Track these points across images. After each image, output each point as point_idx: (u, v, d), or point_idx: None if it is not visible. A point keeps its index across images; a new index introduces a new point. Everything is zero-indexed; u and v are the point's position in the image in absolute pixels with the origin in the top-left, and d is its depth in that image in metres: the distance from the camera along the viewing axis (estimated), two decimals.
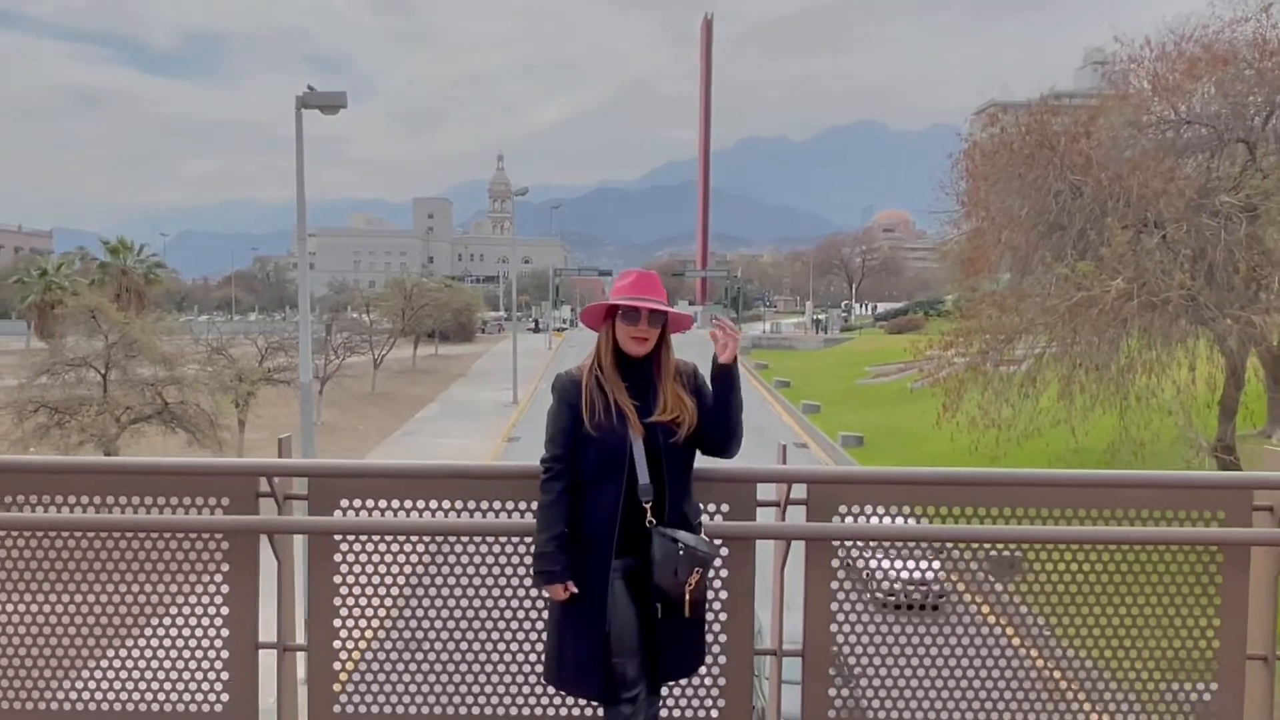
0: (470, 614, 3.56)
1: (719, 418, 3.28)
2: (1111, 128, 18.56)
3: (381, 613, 3.56)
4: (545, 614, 3.46)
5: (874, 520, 3.49)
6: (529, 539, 3.40)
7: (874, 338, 73.67)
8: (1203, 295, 16.15)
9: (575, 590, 3.19)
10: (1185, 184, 17.25)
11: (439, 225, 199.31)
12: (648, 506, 3.15)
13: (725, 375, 3.28)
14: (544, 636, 3.47)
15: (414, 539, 3.55)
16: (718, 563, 3.52)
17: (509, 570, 3.56)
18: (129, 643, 3.59)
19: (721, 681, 3.54)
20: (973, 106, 30.94)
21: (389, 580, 3.56)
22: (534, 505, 3.34)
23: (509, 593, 3.55)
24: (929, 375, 20.61)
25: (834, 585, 3.51)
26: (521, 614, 3.56)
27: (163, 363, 25.21)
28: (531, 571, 3.35)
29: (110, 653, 3.60)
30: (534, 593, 3.53)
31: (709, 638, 3.49)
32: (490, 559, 3.55)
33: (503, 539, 3.54)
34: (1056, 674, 3.55)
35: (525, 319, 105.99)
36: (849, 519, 3.49)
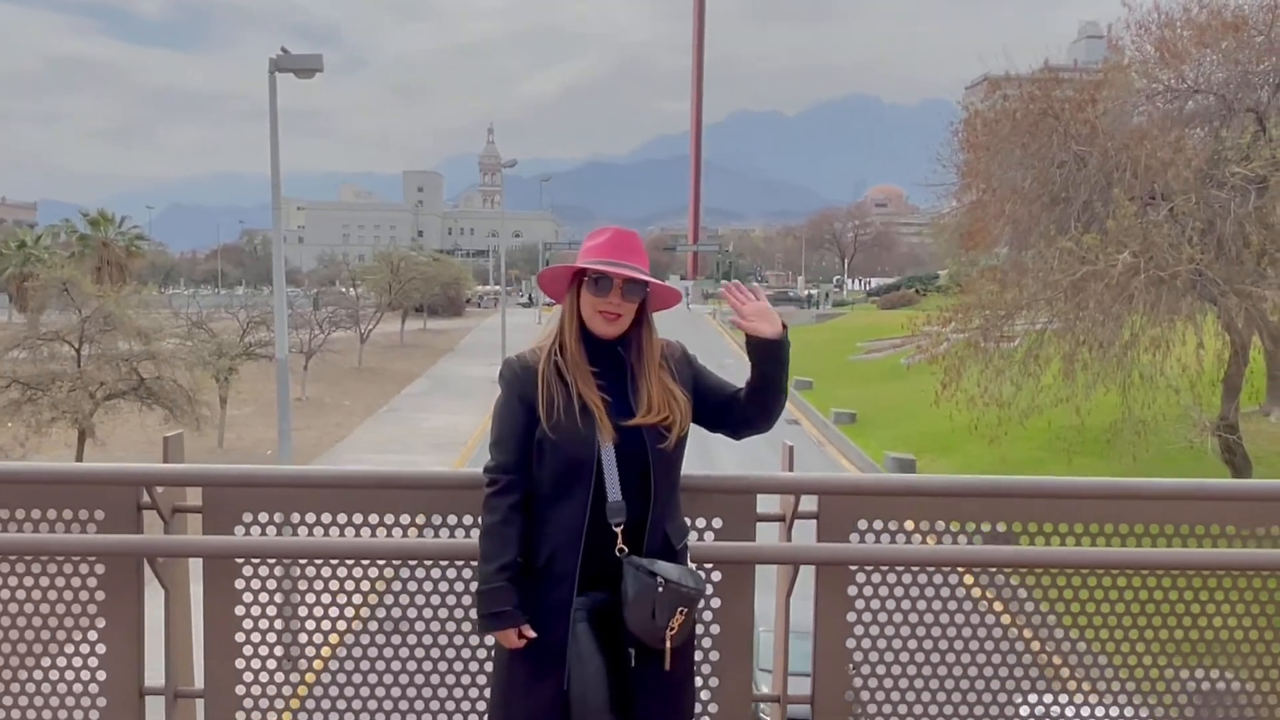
0: (406, 656, 2.91)
1: (759, 403, 2.66)
2: (1118, 96, 17.94)
3: (295, 651, 2.91)
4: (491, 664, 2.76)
5: (901, 539, 2.84)
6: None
7: (866, 313, 73.23)
8: (1212, 270, 15.59)
9: (532, 635, 2.50)
10: (1193, 154, 16.66)
11: (429, 199, 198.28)
12: (618, 530, 2.46)
13: (775, 352, 2.67)
14: (488, 693, 2.80)
15: (334, 563, 2.90)
16: (708, 590, 2.86)
17: (459, 608, 2.91)
18: None
19: None
20: (966, 80, 30.26)
21: (305, 613, 2.91)
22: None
23: (459, 639, 2.90)
24: (924, 351, 20.09)
25: (851, 618, 2.87)
26: (474, 665, 2.91)
27: (139, 337, 24.51)
28: (475, 613, 2.66)
29: None
30: (487, 639, 2.84)
31: (698, 681, 2.82)
32: (436, 591, 2.90)
33: (445, 564, 2.89)
34: None
35: (516, 293, 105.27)
36: (870, 536, 2.85)
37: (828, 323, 70.19)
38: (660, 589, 2.41)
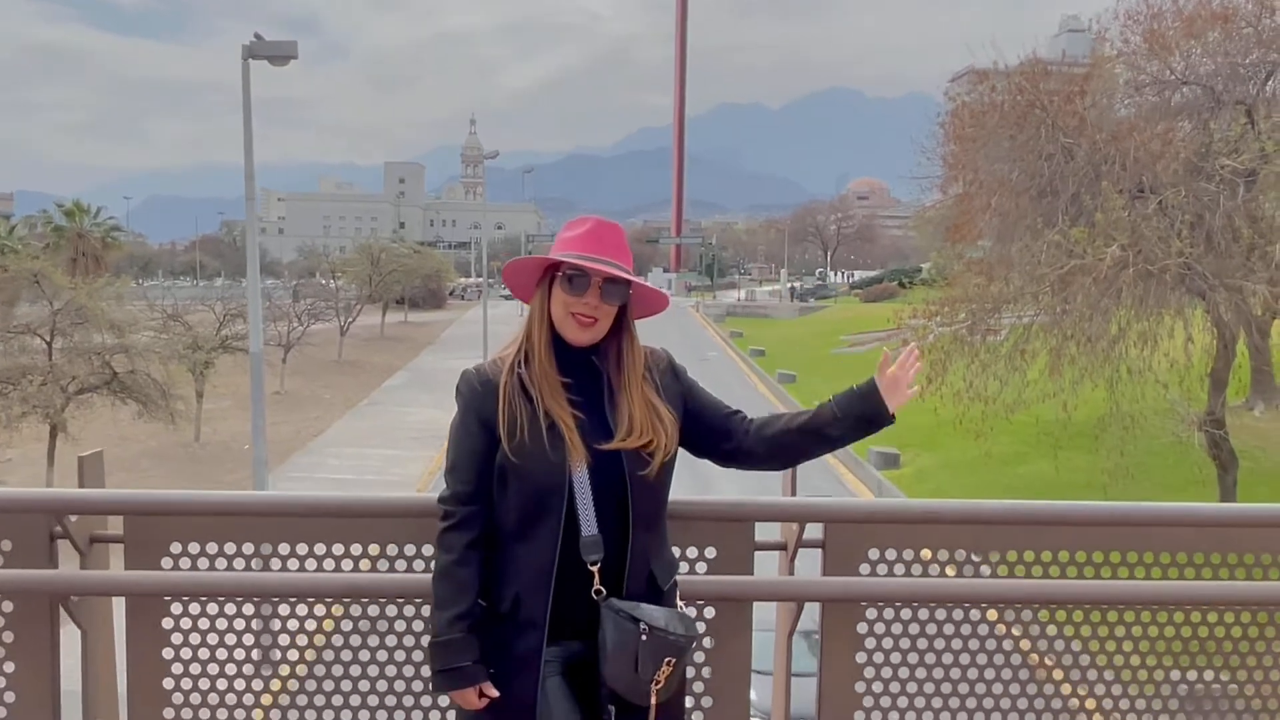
0: (358, 705, 2.56)
1: (795, 450, 2.29)
2: (1106, 87, 17.74)
3: (231, 700, 2.56)
4: None
5: (918, 570, 2.51)
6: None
7: (849, 306, 73.17)
8: (1201, 264, 15.42)
9: (494, 694, 2.14)
10: (1182, 145, 16.48)
11: (411, 190, 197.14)
12: (595, 569, 2.12)
13: (876, 425, 2.25)
14: None
15: (274, 601, 2.55)
16: (700, 627, 2.51)
17: (418, 650, 2.56)
18: None
19: None
20: (948, 74, 30.04)
21: (241, 656, 2.56)
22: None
23: (417, 685, 2.54)
24: (907, 344, 19.81)
25: (861, 659, 2.54)
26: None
27: (112, 330, 24.04)
28: (430, 667, 2.24)
29: None
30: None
31: None
32: (391, 632, 2.55)
33: (402, 602, 2.54)
34: None
35: (498, 285, 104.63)
36: (882, 568, 2.51)
37: (811, 315, 70.12)
38: (644, 637, 2.07)
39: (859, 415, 2.24)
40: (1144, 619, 2.57)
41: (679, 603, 2.28)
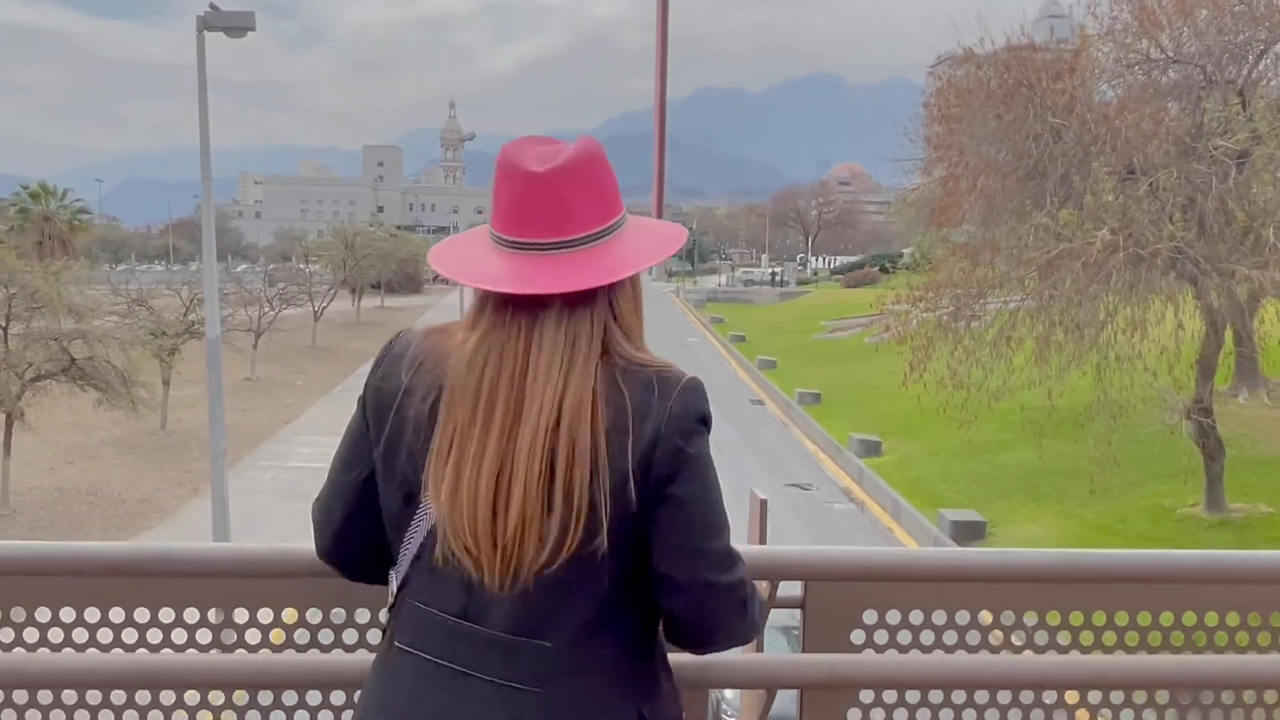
0: None
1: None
2: (1095, 65, 17.29)
3: None
4: None
5: (929, 639, 1.80)
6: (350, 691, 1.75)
7: (830, 291, 72.86)
8: (1193, 248, 15.01)
9: None
10: (1175, 125, 16.06)
11: (389, 174, 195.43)
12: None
13: None
14: None
15: (129, 691, 1.77)
16: None
17: None
18: None
19: None
20: (929, 60, 29.54)
21: None
22: (379, 614, 1.76)
23: None
24: (889, 330, 19.46)
25: None
26: None
27: (71, 314, 23.27)
28: None
29: None
30: None
31: None
32: None
33: (310, 690, 1.80)
34: None
35: None
36: (881, 635, 1.81)
37: (792, 301, 69.77)
38: None
39: None
40: (1248, 698, 1.86)
41: None
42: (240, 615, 1.79)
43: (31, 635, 1.77)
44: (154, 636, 1.75)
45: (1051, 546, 17.74)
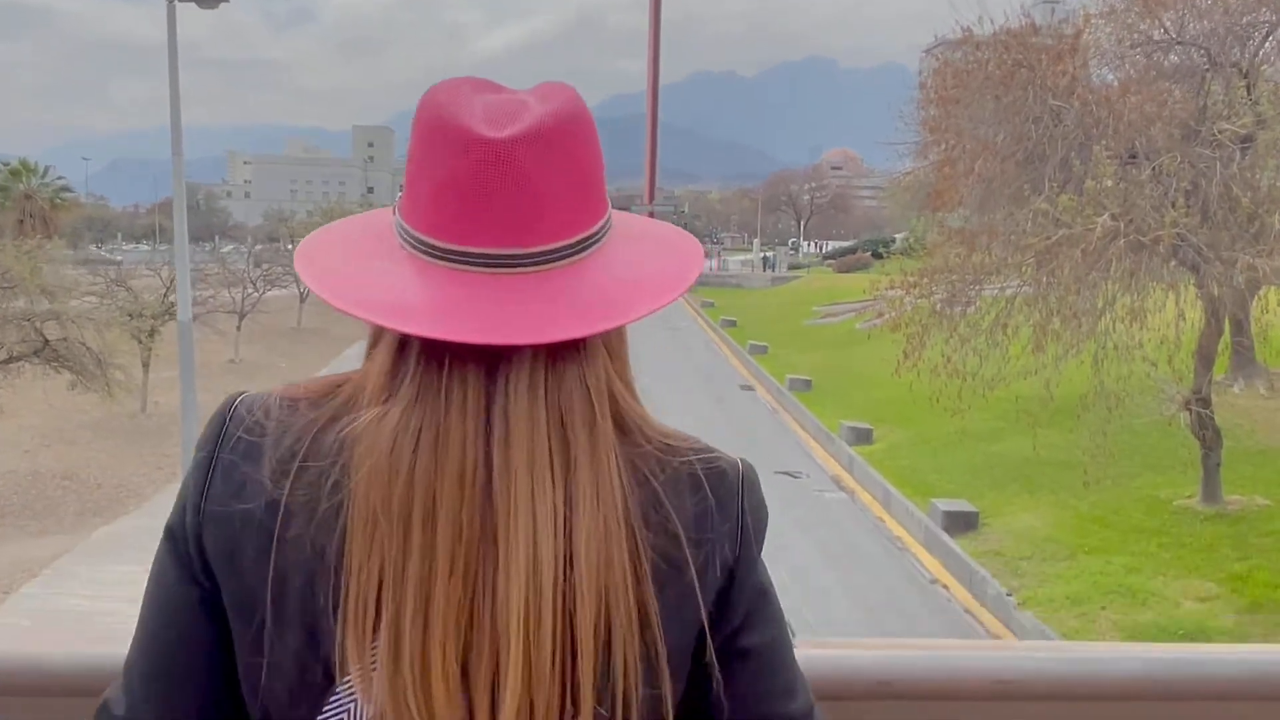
0: None
1: None
2: (1098, 46, 16.90)
3: None
4: None
5: None
6: None
7: (822, 276, 72.51)
8: (1196, 235, 14.63)
9: None
10: (1178, 108, 15.67)
11: (380, 154, 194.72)
12: None
13: None
14: None
15: None
16: None
17: None
18: None
19: None
20: (923, 44, 29.15)
21: None
22: None
23: None
24: (882, 316, 19.13)
25: None
26: None
27: (45, 294, 22.75)
28: None
29: None
30: None
31: None
32: None
33: None
34: None
35: None
36: None
37: (783, 286, 69.42)
38: None
39: None
40: None
41: None
42: None
43: None
44: None
45: (1044, 537, 17.52)
